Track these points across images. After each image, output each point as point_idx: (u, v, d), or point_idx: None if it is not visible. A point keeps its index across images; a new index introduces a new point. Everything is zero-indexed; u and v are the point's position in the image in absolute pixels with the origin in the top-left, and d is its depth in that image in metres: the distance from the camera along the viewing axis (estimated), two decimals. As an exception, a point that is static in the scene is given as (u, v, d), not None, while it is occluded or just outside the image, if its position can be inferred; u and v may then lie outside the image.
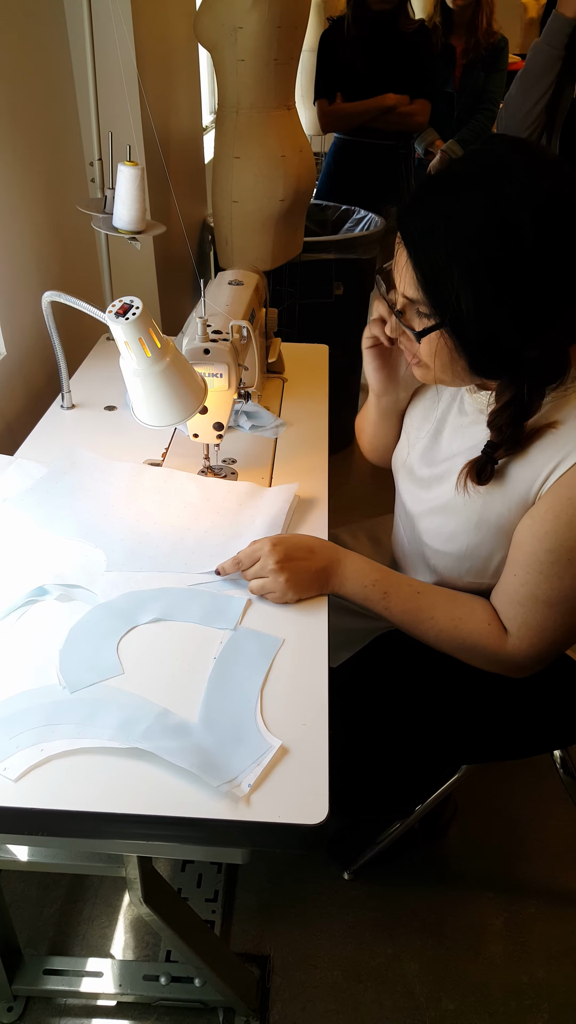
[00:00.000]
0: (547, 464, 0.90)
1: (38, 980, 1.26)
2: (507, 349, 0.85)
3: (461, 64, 2.90)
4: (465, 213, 0.80)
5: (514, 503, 0.95)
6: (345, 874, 1.47)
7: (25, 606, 0.97)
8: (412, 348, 0.94)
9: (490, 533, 0.99)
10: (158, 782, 0.75)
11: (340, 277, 2.46)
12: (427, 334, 0.88)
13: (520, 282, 0.80)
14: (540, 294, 0.81)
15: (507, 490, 0.95)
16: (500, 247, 0.79)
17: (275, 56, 1.87)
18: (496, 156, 0.81)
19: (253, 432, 1.40)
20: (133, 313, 0.95)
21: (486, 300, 0.81)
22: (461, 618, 1.00)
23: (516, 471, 0.93)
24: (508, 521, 0.97)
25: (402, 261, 0.87)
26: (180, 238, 2.21)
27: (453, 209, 0.81)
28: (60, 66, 1.68)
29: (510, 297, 0.81)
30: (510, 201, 0.78)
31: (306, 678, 0.88)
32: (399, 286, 0.90)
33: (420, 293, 0.85)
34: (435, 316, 0.86)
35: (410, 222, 0.85)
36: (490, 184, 0.79)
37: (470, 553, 1.03)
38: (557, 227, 0.79)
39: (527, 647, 0.97)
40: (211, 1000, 1.26)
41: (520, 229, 0.78)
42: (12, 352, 1.54)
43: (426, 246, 0.83)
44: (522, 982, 1.35)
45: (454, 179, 0.83)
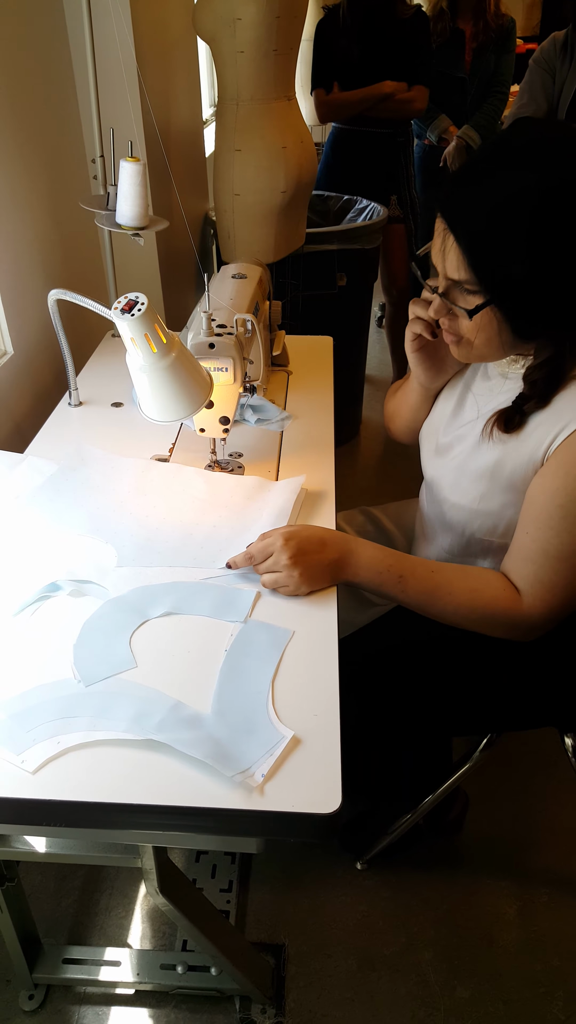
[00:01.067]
0: (555, 426, 0.94)
1: (57, 969, 1.28)
2: (552, 313, 0.90)
3: (471, 48, 2.88)
4: (506, 189, 0.84)
5: (525, 460, 0.98)
6: (358, 864, 1.48)
7: (39, 602, 0.98)
8: (454, 328, 0.97)
9: (501, 486, 1.02)
10: (173, 773, 0.76)
11: (343, 268, 2.45)
12: (479, 311, 0.91)
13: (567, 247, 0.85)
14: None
15: (520, 446, 0.99)
16: (549, 217, 0.83)
17: (274, 47, 1.87)
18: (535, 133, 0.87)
19: (259, 425, 1.41)
20: (139, 309, 0.96)
21: (535, 272, 0.86)
22: (477, 589, 1.01)
23: (536, 426, 0.97)
24: (520, 478, 1.00)
25: (448, 244, 0.90)
26: (183, 233, 2.21)
27: (494, 187, 0.85)
28: (60, 63, 1.68)
29: (559, 262, 0.85)
30: (551, 171, 0.83)
31: (317, 669, 0.89)
32: (442, 269, 0.93)
33: (468, 272, 0.89)
34: (484, 293, 0.89)
35: (452, 205, 0.89)
36: (527, 159, 0.84)
37: (483, 508, 1.05)
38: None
39: (540, 604, 0.99)
40: (227, 988, 1.28)
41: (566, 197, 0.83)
42: (19, 351, 1.54)
43: (471, 226, 0.87)
44: (536, 970, 1.36)
45: (490, 159, 0.87)
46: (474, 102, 2.97)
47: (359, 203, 2.66)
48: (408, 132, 2.80)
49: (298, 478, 1.21)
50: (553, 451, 0.95)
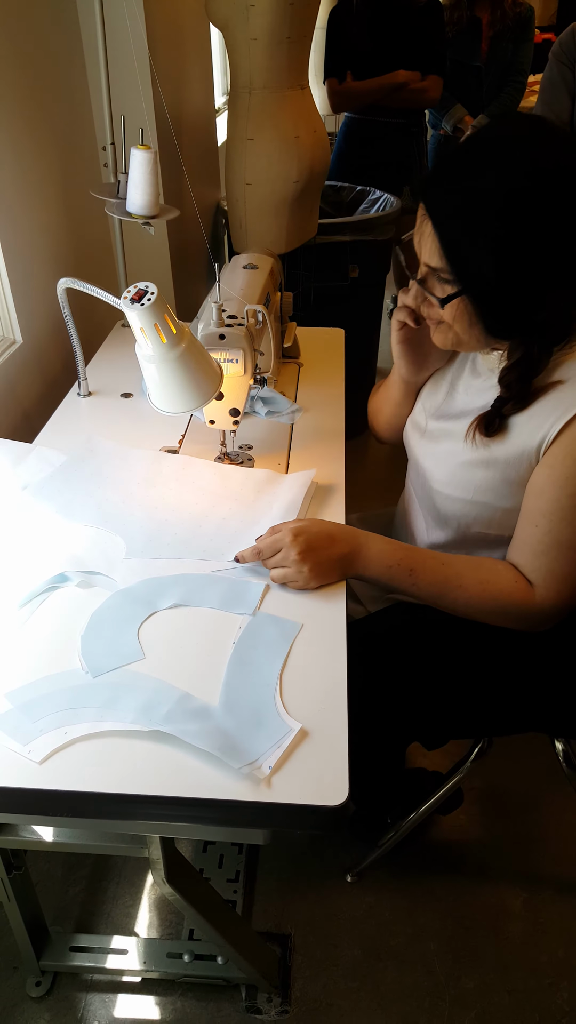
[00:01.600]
0: (550, 418, 0.94)
1: (64, 957, 1.29)
2: (522, 312, 0.91)
3: (488, 37, 2.84)
4: (482, 185, 0.86)
5: (519, 455, 0.98)
6: (348, 877, 1.48)
7: (47, 592, 0.98)
8: (434, 314, 0.99)
9: (496, 480, 1.02)
10: (180, 764, 0.76)
11: (356, 259, 2.44)
12: (450, 301, 0.92)
13: (534, 250, 0.86)
14: (552, 261, 0.87)
15: (512, 443, 0.99)
16: (515, 217, 0.85)
17: (288, 34, 1.85)
18: (510, 130, 0.88)
19: (269, 418, 1.40)
20: (148, 299, 0.95)
21: (504, 268, 0.87)
22: (488, 580, 1.01)
23: (521, 426, 0.98)
24: (515, 472, 1.00)
25: (425, 231, 0.92)
26: (194, 222, 2.20)
27: (471, 181, 0.87)
28: (71, 50, 1.67)
29: (526, 264, 0.87)
30: (522, 172, 0.84)
31: (324, 662, 0.89)
32: (421, 256, 0.95)
33: (443, 261, 0.90)
34: (457, 283, 0.91)
35: (432, 194, 0.91)
36: (504, 157, 0.86)
37: (478, 499, 1.05)
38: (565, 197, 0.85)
39: (554, 596, 0.99)
40: (233, 977, 1.29)
41: (532, 199, 0.84)
42: (28, 340, 1.54)
43: (448, 216, 0.89)
44: (541, 961, 1.36)
45: (472, 152, 0.89)
46: (490, 91, 2.94)
47: (372, 194, 2.64)
48: (421, 122, 2.77)
49: (309, 472, 1.20)
50: (553, 440, 0.94)
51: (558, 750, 1.26)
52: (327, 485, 1.21)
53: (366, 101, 2.62)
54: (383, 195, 2.59)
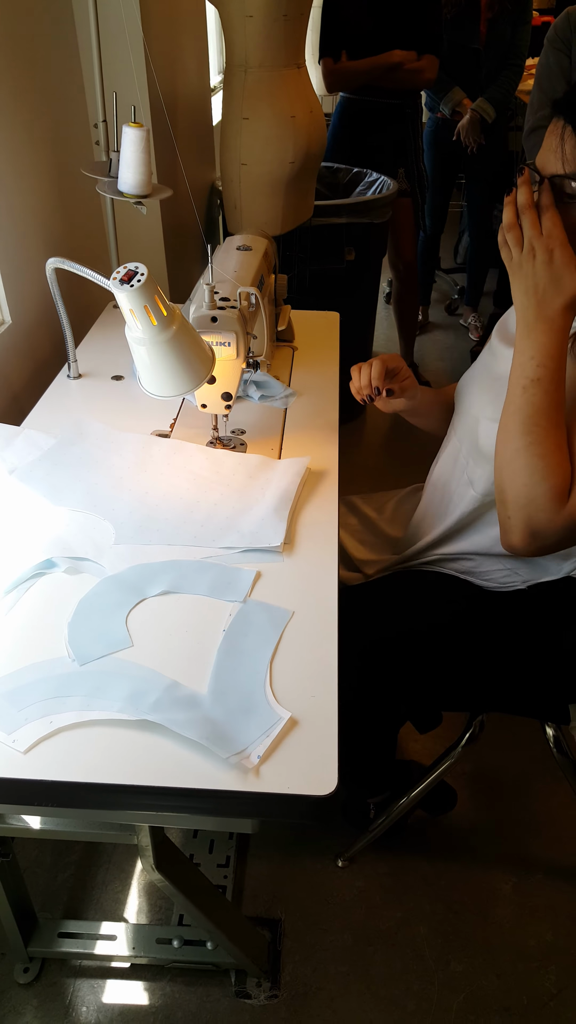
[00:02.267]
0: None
1: (53, 943, 1.29)
2: None
3: (486, 19, 2.80)
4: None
5: None
6: (339, 861, 1.48)
7: (33, 578, 0.97)
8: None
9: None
10: (167, 754, 0.75)
11: (352, 242, 2.41)
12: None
13: None
14: None
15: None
16: None
17: (284, 12, 1.81)
18: None
19: (262, 402, 1.39)
20: (138, 280, 0.93)
21: None
22: (560, 457, 0.93)
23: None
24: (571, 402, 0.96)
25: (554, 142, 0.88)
26: (188, 203, 2.17)
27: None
28: (63, 26, 1.63)
29: None
30: None
31: (315, 650, 0.88)
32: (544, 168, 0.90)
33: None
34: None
35: None
36: None
37: None
38: None
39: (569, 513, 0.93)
40: (223, 963, 1.29)
41: None
42: (17, 320, 1.52)
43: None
44: (529, 944, 1.37)
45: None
46: (489, 74, 2.90)
47: (369, 176, 2.61)
48: (417, 104, 2.73)
49: (303, 459, 1.19)
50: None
51: (548, 735, 1.26)
52: (320, 470, 1.19)
53: (361, 81, 2.58)
54: (380, 177, 2.55)
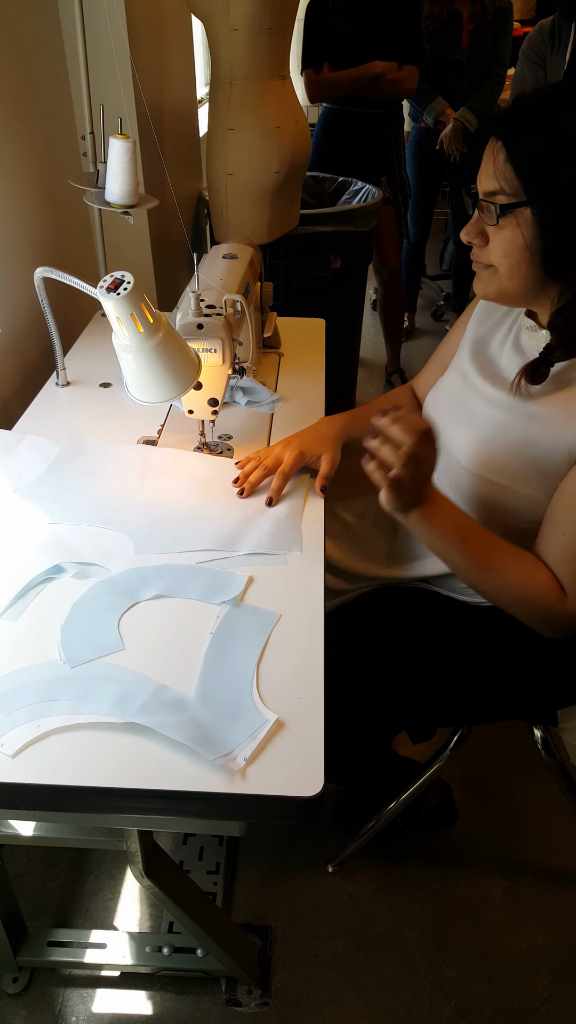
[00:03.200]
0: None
1: (42, 952, 1.28)
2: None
3: (468, 31, 2.84)
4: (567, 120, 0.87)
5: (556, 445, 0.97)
6: (329, 867, 1.48)
7: (42, 584, 0.97)
8: (483, 255, 0.97)
9: (531, 464, 1.00)
10: (155, 756, 0.75)
11: (337, 250, 2.43)
12: (512, 208, 0.90)
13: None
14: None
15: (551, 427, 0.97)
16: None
17: (269, 25, 1.83)
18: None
19: (249, 408, 1.40)
20: (124, 288, 0.94)
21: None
22: (529, 573, 0.98)
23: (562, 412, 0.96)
24: (551, 464, 0.98)
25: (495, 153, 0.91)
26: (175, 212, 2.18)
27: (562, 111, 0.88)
28: (50, 37, 1.65)
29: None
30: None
31: (302, 652, 0.88)
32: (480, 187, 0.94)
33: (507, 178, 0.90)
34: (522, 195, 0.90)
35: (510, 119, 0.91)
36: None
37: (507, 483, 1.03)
38: None
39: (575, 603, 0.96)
40: (213, 970, 1.28)
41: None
42: (6, 329, 1.53)
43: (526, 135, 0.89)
44: (521, 949, 1.37)
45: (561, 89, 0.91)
46: (471, 84, 2.94)
47: (354, 185, 2.63)
48: (399, 113, 2.77)
49: None
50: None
51: (537, 738, 1.26)
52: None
53: (343, 91, 2.61)
54: (365, 186, 2.58)
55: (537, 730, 1.26)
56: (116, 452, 1.23)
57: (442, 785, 1.57)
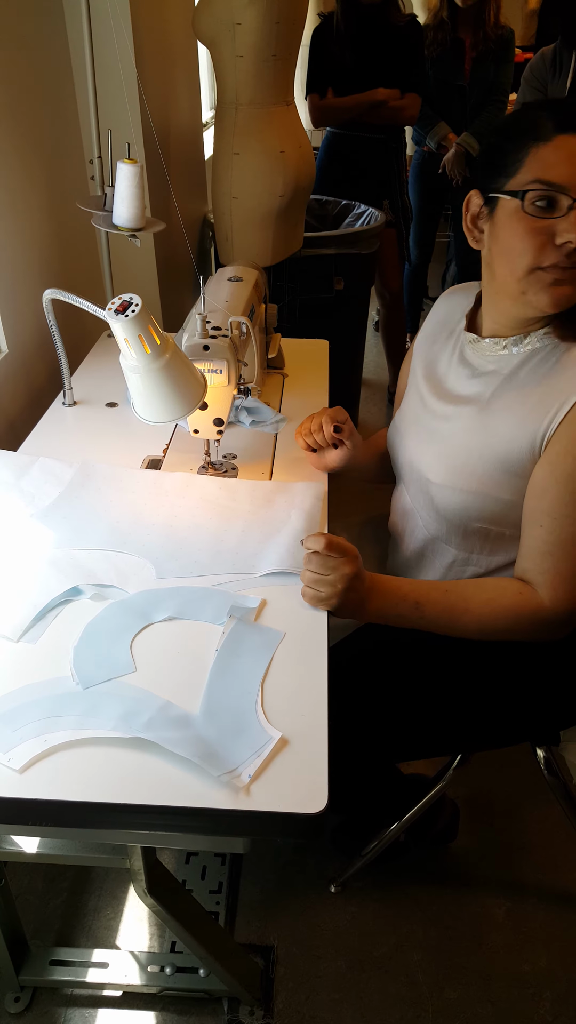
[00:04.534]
0: (552, 407, 0.95)
1: (44, 971, 1.27)
2: None
3: (470, 57, 2.90)
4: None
5: (518, 444, 0.98)
6: (332, 887, 1.47)
7: (60, 606, 0.98)
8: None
9: (496, 467, 1.02)
10: (160, 772, 0.76)
11: (340, 272, 2.46)
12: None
13: None
14: None
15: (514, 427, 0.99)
16: None
17: (274, 52, 1.87)
18: None
19: (253, 428, 1.41)
20: (132, 310, 0.96)
21: None
22: (493, 599, 1.01)
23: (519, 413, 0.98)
24: (516, 462, 0.99)
25: None
26: (180, 235, 2.22)
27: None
28: (59, 64, 1.68)
29: None
30: None
31: (306, 670, 0.89)
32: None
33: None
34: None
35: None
36: None
37: (478, 490, 1.04)
38: None
39: (563, 597, 0.98)
40: (216, 990, 1.28)
41: None
42: (14, 349, 1.55)
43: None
44: (524, 971, 1.36)
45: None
46: (473, 110, 2.99)
47: (357, 208, 2.67)
48: (401, 138, 2.82)
49: (318, 484, 1.22)
50: (553, 435, 0.95)
51: (539, 757, 1.26)
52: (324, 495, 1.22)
53: (346, 117, 2.66)
54: (367, 209, 2.62)
55: (539, 750, 1.26)
56: (128, 477, 1.24)
57: (451, 804, 1.57)
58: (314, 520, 1.13)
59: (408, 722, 1.14)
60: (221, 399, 1.17)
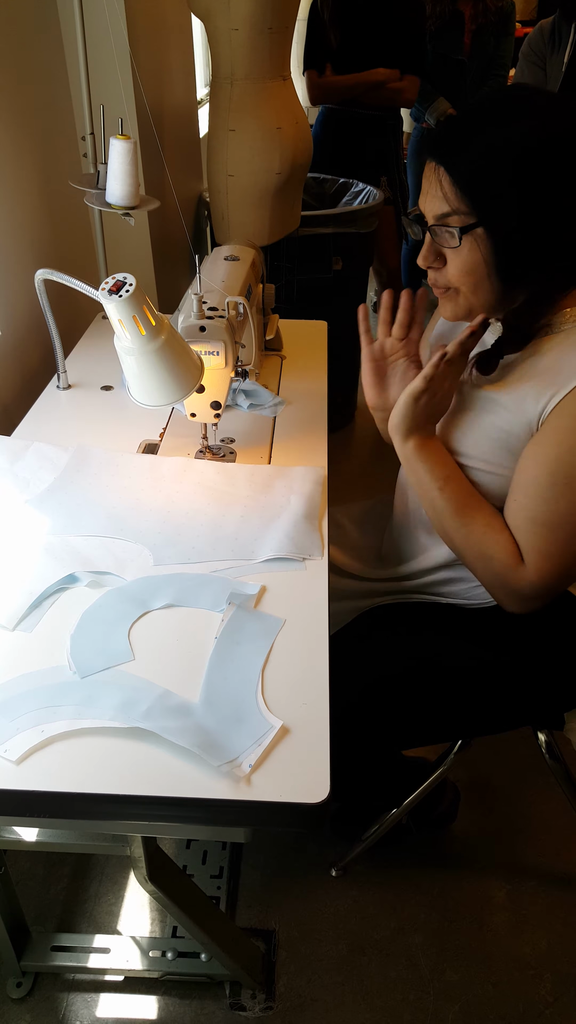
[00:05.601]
0: (548, 389, 0.94)
1: (46, 956, 1.28)
2: (540, 249, 0.90)
3: (470, 31, 2.84)
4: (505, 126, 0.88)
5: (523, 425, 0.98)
6: (332, 871, 1.47)
7: (56, 594, 0.96)
8: (443, 279, 0.98)
9: (497, 444, 1.01)
10: (159, 763, 0.75)
11: (339, 252, 2.42)
12: (469, 230, 0.91)
13: (560, 193, 0.87)
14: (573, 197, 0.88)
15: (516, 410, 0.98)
16: (540, 161, 0.87)
17: (270, 24, 1.83)
18: (529, 91, 0.92)
19: (251, 411, 1.39)
20: (127, 290, 0.94)
21: (527, 205, 0.88)
22: (496, 528, 1.00)
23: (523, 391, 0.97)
24: (517, 441, 0.99)
25: (441, 181, 0.91)
26: (175, 214, 2.18)
27: (492, 122, 0.89)
28: (50, 38, 1.64)
29: (548, 194, 0.87)
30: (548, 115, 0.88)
31: (307, 658, 0.88)
32: (430, 212, 0.94)
33: (457, 199, 0.90)
34: (474, 215, 0.91)
35: (444, 139, 0.92)
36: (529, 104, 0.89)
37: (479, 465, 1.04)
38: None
39: (535, 572, 0.97)
40: (217, 974, 1.28)
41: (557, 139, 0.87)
42: (6, 332, 1.52)
43: (464, 152, 0.89)
44: (524, 953, 1.37)
45: (485, 104, 0.92)
46: (473, 85, 2.94)
47: (355, 186, 2.63)
48: (398, 115, 2.77)
49: (317, 468, 1.20)
50: (547, 416, 0.94)
51: (541, 741, 1.26)
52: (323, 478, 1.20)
53: (344, 96, 2.62)
54: (366, 187, 2.57)
55: (541, 734, 1.26)
56: (124, 462, 1.22)
57: (452, 786, 1.56)
58: (314, 505, 1.12)
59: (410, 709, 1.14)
60: (218, 382, 1.15)
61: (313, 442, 1.30)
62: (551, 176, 0.87)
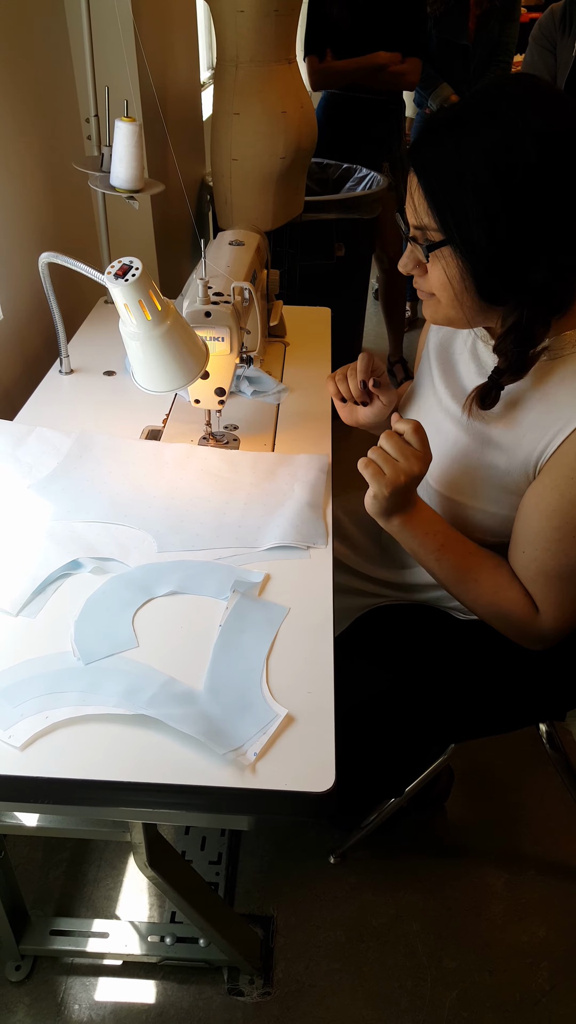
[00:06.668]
0: (550, 430, 0.91)
1: (45, 940, 1.28)
2: (513, 269, 0.86)
3: (475, 15, 2.81)
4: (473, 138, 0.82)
5: (519, 464, 0.96)
6: (331, 858, 1.48)
7: (59, 580, 0.96)
8: (424, 285, 0.95)
9: (493, 486, 1.00)
10: (163, 750, 0.75)
11: (342, 238, 2.41)
12: (435, 248, 0.88)
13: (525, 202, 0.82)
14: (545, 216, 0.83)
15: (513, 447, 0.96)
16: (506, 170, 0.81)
17: (275, 7, 1.81)
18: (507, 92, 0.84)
19: (255, 398, 1.38)
20: (133, 274, 0.93)
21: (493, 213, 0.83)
22: (504, 585, 0.99)
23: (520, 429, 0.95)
24: (512, 481, 0.97)
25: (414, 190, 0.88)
26: (179, 197, 2.16)
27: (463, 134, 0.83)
28: (54, 19, 1.62)
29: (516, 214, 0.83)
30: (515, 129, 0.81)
31: (311, 647, 0.88)
32: (411, 218, 0.91)
33: (427, 216, 0.87)
34: (443, 232, 0.87)
35: (421, 149, 0.88)
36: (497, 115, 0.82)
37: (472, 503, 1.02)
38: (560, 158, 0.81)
39: (550, 620, 0.97)
40: (215, 960, 1.29)
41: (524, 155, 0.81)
42: (9, 316, 1.51)
43: (435, 168, 0.85)
44: (522, 941, 1.37)
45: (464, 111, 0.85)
46: (477, 70, 2.91)
47: (358, 172, 2.61)
48: (400, 99, 2.74)
49: (322, 456, 1.20)
50: (545, 462, 0.92)
51: (541, 731, 1.26)
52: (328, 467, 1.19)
53: (345, 81, 2.59)
54: (369, 173, 2.55)
55: (542, 724, 1.26)
56: (127, 448, 1.21)
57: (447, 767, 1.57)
58: (318, 493, 1.11)
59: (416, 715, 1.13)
60: (223, 368, 1.14)
61: (317, 430, 1.29)
62: (519, 197, 0.82)
